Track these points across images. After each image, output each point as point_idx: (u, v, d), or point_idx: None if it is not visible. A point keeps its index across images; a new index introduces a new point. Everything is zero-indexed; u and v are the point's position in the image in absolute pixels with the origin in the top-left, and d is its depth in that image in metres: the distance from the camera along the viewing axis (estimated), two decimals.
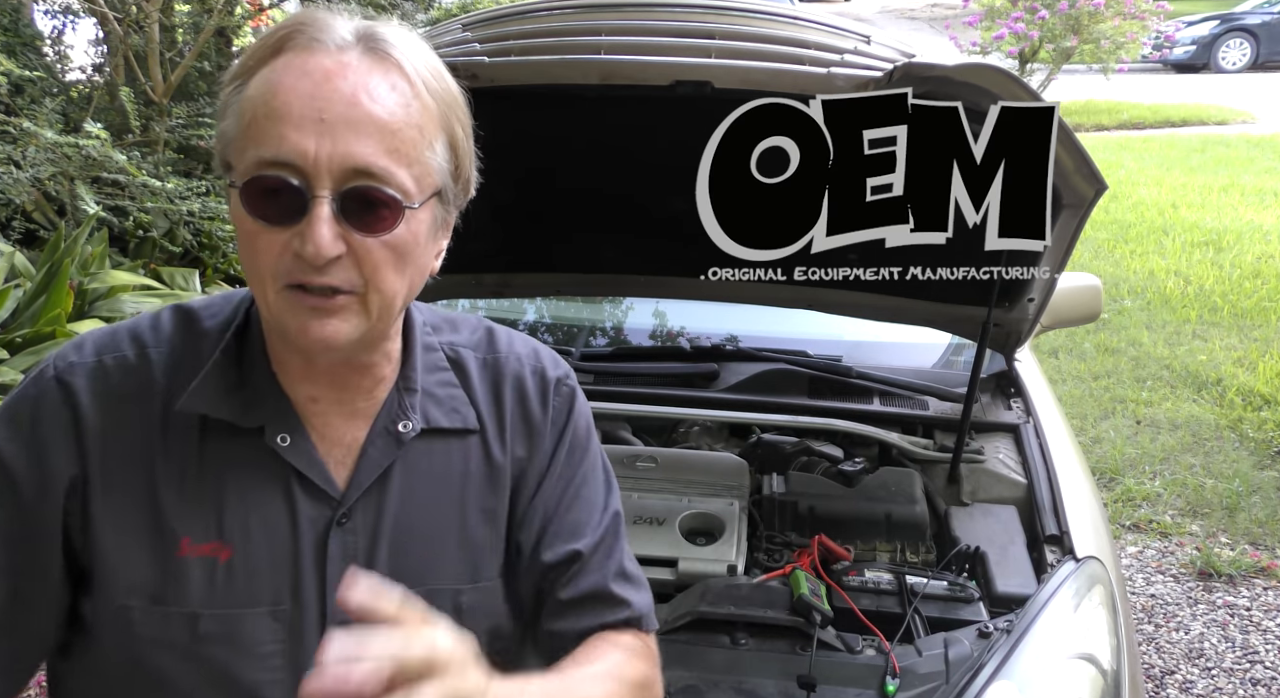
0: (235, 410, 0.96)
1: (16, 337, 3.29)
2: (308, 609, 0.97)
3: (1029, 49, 10.34)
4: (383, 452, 1.01)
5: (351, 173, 0.85)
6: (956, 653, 1.55)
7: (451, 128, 0.93)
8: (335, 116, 0.84)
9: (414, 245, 0.91)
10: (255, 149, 0.85)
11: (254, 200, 0.86)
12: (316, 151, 0.84)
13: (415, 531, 1.01)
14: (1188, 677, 3.03)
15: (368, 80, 0.86)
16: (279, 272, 0.87)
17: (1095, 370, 5.29)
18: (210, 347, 0.98)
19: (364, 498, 0.99)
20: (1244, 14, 16.17)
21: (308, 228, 0.85)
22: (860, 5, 21.16)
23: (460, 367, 1.08)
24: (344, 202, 0.86)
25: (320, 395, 0.99)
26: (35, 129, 3.68)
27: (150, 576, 0.94)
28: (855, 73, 1.50)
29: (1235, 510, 3.91)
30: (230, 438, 0.96)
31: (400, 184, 0.87)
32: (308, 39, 0.87)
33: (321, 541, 0.97)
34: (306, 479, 0.97)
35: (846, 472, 2.07)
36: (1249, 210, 8.15)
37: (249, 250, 0.88)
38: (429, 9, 5.45)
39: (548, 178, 2.04)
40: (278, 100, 0.85)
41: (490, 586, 1.06)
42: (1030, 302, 2.11)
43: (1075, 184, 1.75)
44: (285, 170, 0.85)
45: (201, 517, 0.95)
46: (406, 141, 0.87)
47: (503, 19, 1.71)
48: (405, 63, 0.89)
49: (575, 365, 2.34)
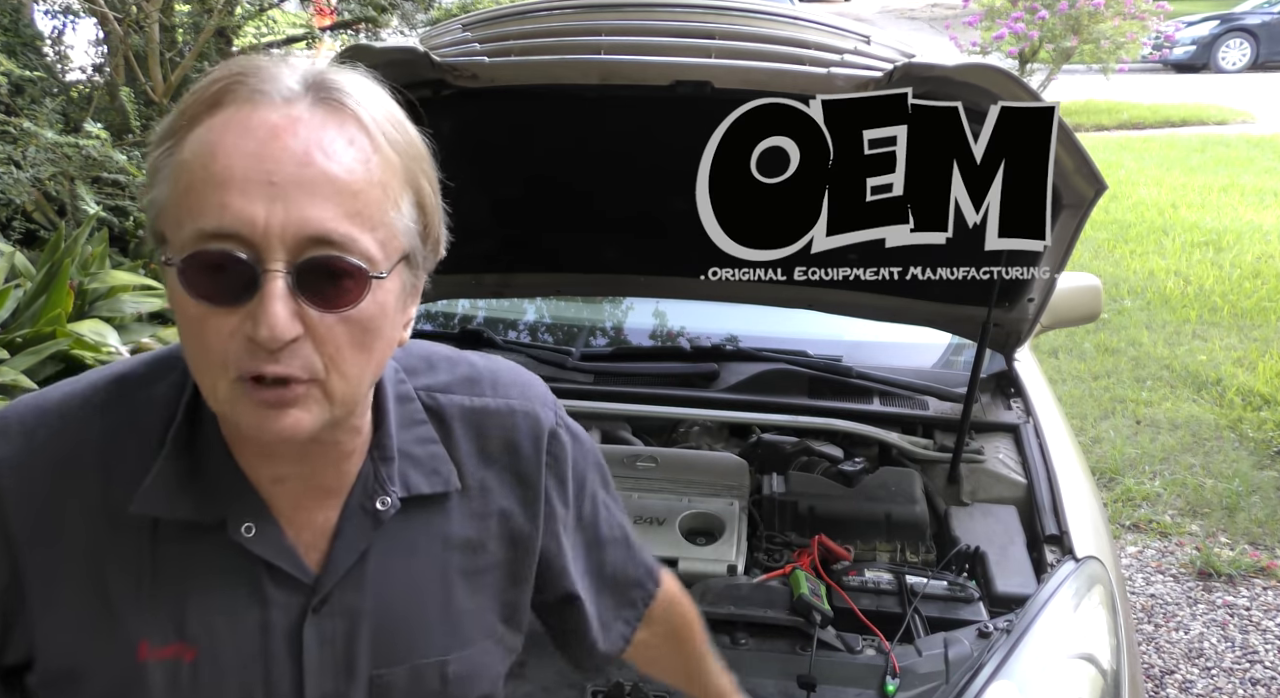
0: (192, 506, 0.85)
1: (16, 337, 3.29)
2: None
3: (1029, 49, 10.34)
4: (359, 532, 0.91)
5: (308, 242, 0.74)
6: (956, 653, 1.55)
7: (417, 183, 0.82)
8: (286, 178, 0.73)
9: (381, 319, 0.80)
10: (194, 221, 0.74)
11: (196, 279, 0.74)
12: (267, 220, 0.73)
13: (396, 607, 0.93)
14: (1187, 677, 3.03)
15: (321, 135, 0.75)
16: (229, 360, 0.76)
17: (1095, 370, 5.29)
18: (152, 421, 0.87)
19: (342, 581, 0.90)
20: (1244, 14, 16.16)
21: (259, 307, 0.73)
22: (860, 5, 21.16)
23: (440, 417, 0.97)
24: (300, 275, 0.74)
25: (285, 474, 0.88)
26: (35, 129, 3.68)
27: (107, 683, 0.86)
28: (855, 73, 1.50)
29: (1235, 510, 3.91)
30: (187, 533, 0.86)
31: (364, 251, 0.76)
32: (249, 91, 0.76)
33: (295, 630, 0.89)
34: (276, 568, 0.88)
35: (846, 472, 2.07)
36: (1249, 210, 8.15)
37: (192, 338, 0.77)
38: (429, 9, 5.45)
39: (548, 178, 2.04)
40: (217, 164, 0.73)
41: (478, 650, 0.99)
42: (1030, 302, 2.11)
43: (1075, 184, 1.75)
44: (231, 243, 0.73)
45: (159, 618, 0.86)
46: (369, 203, 0.76)
47: (503, 19, 1.71)
48: (362, 113, 0.78)
49: (575, 365, 2.35)
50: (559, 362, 2.34)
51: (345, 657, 0.91)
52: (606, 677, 1.57)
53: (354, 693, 0.92)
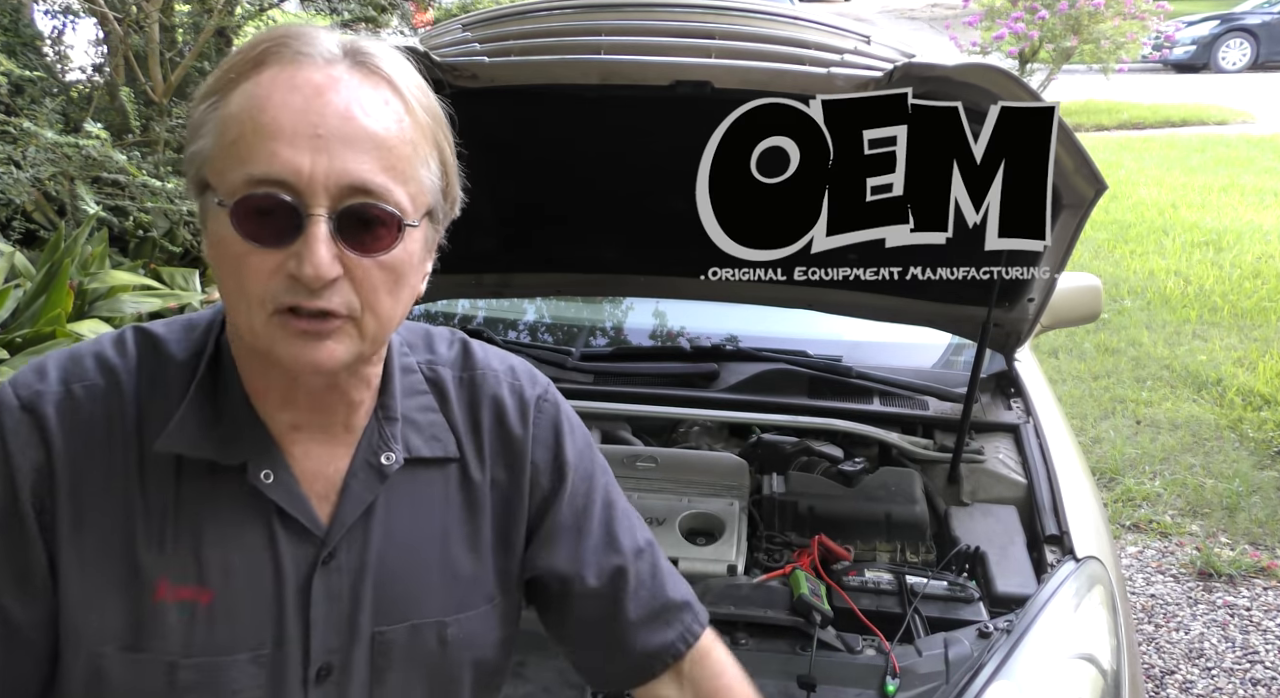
0: (214, 448, 0.90)
1: (16, 337, 3.29)
2: (290, 653, 0.93)
3: (1029, 49, 10.34)
4: (366, 486, 0.96)
5: (349, 190, 0.81)
6: (956, 653, 1.55)
7: (441, 145, 0.90)
8: (330, 132, 0.80)
9: (408, 266, 0.88)
10: (243, 167, 0.80)
11: (245, 220, 0.81)
12: (312, 168, 0.79)
13: (398, 565, 0.97)
14: (1188, 677, 3.03)
15: (360, 94, 0.82)
16: (268, 295, 0.82)
17: (1095, 370, 5.29)
18: (179, 375, 0.93)
19: (347, 535, 0.95)
20: (1244, 14, 16.17)
21: (304, 248, 0.80)
22: (860, 5, 21.16)
23: (439, 388, 1.03)
24: (341, 220, 0.82)
25: (301, 422, 0.94)
26: (35, 129, 3.68)
27: (124, 621, 0.89)
28: (855, 73, 1.50)
29: (1235, 510, 3.91)
30: (208, 475, 0.91)
31: (397, 201, 0.84)
32: (293, 53, 0.83)
33: (305, 582, 0.93)
34: (289, 517, 0.92)
35: (846, 472, 2.07)
36: (1249, 210, 8.15)
37: (234, 273, 0.83)
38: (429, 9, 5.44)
39: (547, 178, 2.04)
40: (267, 115, 0.80)
41: (476, 614, 1.02)
42: (1030, 302, 2.11)
43: (1075, 184, 1.75)
44: (279, 188, 0.80)
45: (179, 559, 0.89)
46: (402, 158, 0.84)
47: (503, 19, 1.71)
48: (395, 77, 0.85)
49: (575, 365, 2.35)
50: (559, 362, 2.34)
51: (349, 613, 0.95)
52: None
53: (356, 650, 0.95)
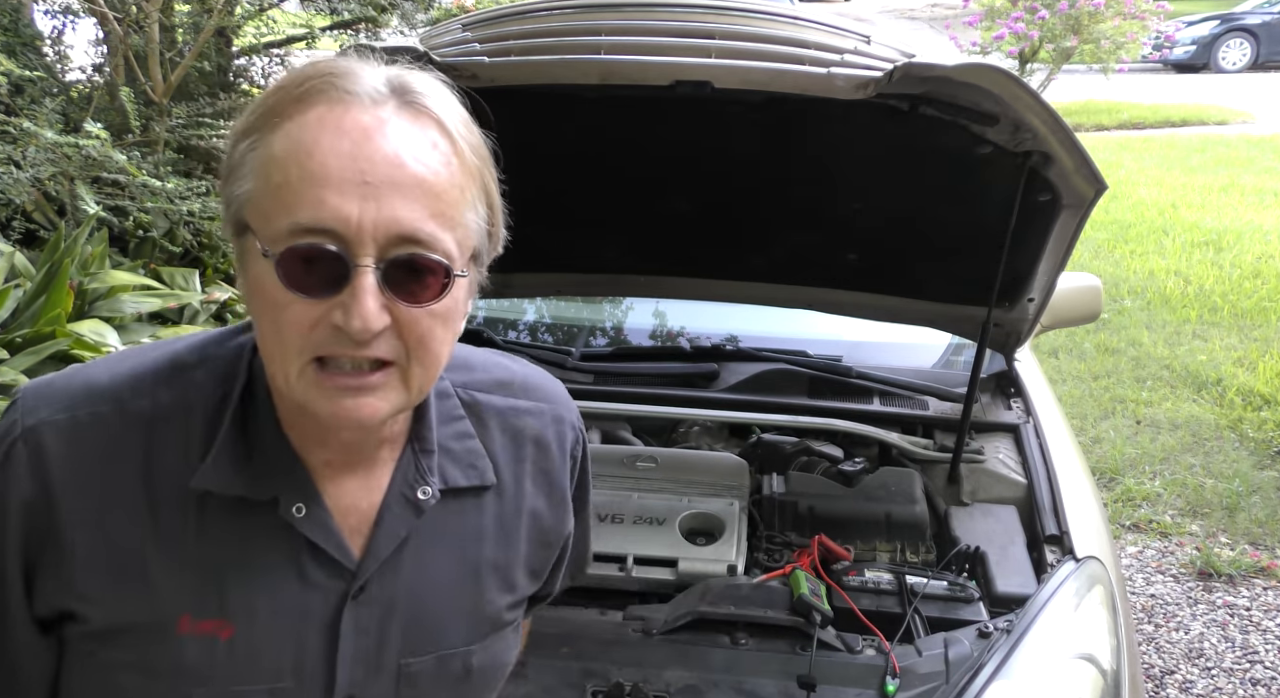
0: (246, 484, 0.88)
1: (16, 337, 3.29)
2: (309, 686, 0.91)
3: (1029, 49, 10.34)
4: (400, 520, 0.94)
5: (397, 239, 0.78)
6: (956, 653, 1.55)
7: (487, 184, 0.87)
8: (379, 178, 0.77)
9: (455, 312, 0.85)
10: (289, 215, 0.77)
11: (291, 270, 0.78)
12: (360, 217, 0.77)
13: (429, 599, 0.96)
14: (1188, 677, 3.03)
15: (409, 138, 0.80)
16: (308, 346, 0.80)
17: (1095, 370, 5.28)
18: (203, 410, 0.89)
19: (380, 569, 0.93)
20: (1244, 14, 16.16)
21: (351, 300, 0.78)
22: (860, 5, 21.15)
23: (477, 415, 1.01)
24: (389, 270, 0.79)
25: (333, 459, 0.92)
26: (35, 129, 3.67)
27: (144, 652, 0.88)
28: (855, 73, 1.50)
29: (1235, 510, 3.91)
30: (235, 510, 0.88)
31: (446, 250, 0.81)
32: (339, 92, 0.80)
33: (334, 615, 0.91)
34: (319, 551, 0.90)
35: (846, 472, 2.07)
36: (1249, 210, 8.15)
37: (273, 322, 0.80)
38: (429, 9, 5.44)
39: (547, 177, 2.04)
40: (314, 161, 0.77)
41: (499, 637, 1.02)
42: (1030, 302, 2.11)
43: (1075, 184, 1.75)
44: (325, 238, 0.77)
45: (201, 593, 0.88)
46: (451, 204, 0.81)
47: (503, 19, 1.71)
48: (444, 117, 0.83)
49: (575, 365, 2.35)
50: (559, 362, 2.34)
51: (377, 646, 0.93)
52: (607, 677, 1.57)
53: (381, 682, 0.94)
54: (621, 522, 1.90)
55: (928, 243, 2.10)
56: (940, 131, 1.70)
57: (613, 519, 1.91)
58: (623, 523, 1.90)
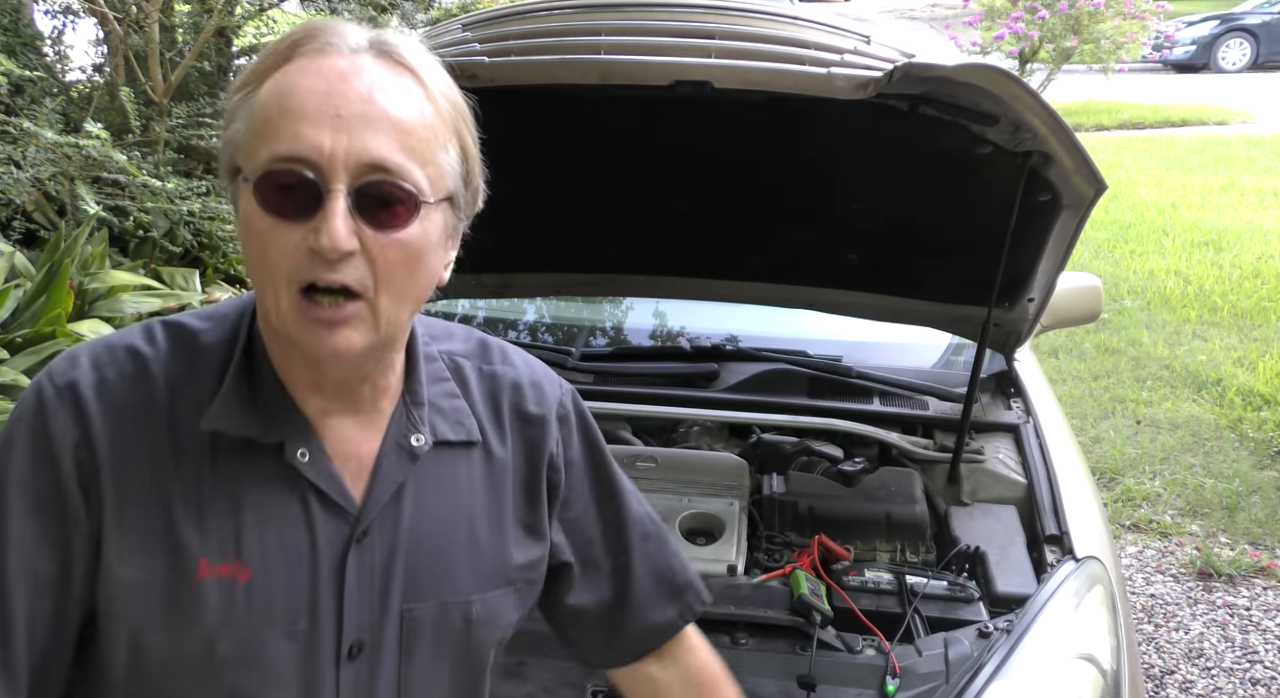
0: (255, 427, 0.94)
1: (16, 337, 3.29)
2: (323, 628, 0.95)
3: (1029, 49, 10.34)
4: (396, 466, 0.99)
5: (367, 168, 0.85)
6: (956, 653, 1.55)
7: (462, 134, 0.93)
8: (351, 113, 0.84)
9: (425, 247, 0.90)
10: (268, 146, 0.85)
11: (268, 195, 0.85)
12: (333, 146, 0.84)
13: (427, 544, 1.01)
14: (1188, 677, 3.03)
15: (382, 80, 0.87)
16: (292, 272, 0.86)
17: (1095, 370, 5.29)
18: (209, 362, 0.96)
19: (380, 514, 0.98)
20: (1244, 14, 16.16)
21: (323, 222, 0.84)
22: (860, 5, 21.15)
23: (460, 375, 1.08)
24: (359, 197, 0.85)
25: (330, 408, 0.97)
26: (35, 129, 3.67)
27: (166, 600, 0.91)
28: (855, 73, 1.50)
29: (1235, 510, 3.91)
30: (244, 455, 0.94)
31: (415, 181, 0.87)
32: (321, 44, 0.88)
33: (340, 559, 0.96)
34: (324, 495, 0.95)
35: (846, 472, 2.07)
36: (1249, 210, 8.15)
37: (259, 250, 0.87)
38: (429, 9, 5.44)
39: (547, 177, 2.04)
40: (292, 100, 0.85)
41: (498, 594, 1.05)
42: (1030, 302, 2.11)
43: (1075, 184, 1.75)
44: (300, 165, 0.84)
45: (219, 537, 0.92)
46: (421, 141, 0.88)
47: (503, 19, 1.71)
48: (418, 68, 0.90)
49: (575, 365, 2.35)
50: (559, 362, 2.34)
51: (381, 591, 0.98)
52: (606, 677, 1.57)
53: (387, 627, 0.98)
54: None
55: (928, 243, 2.10)
56: (940, 131, 1.70)
57: None
58: None
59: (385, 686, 0.99)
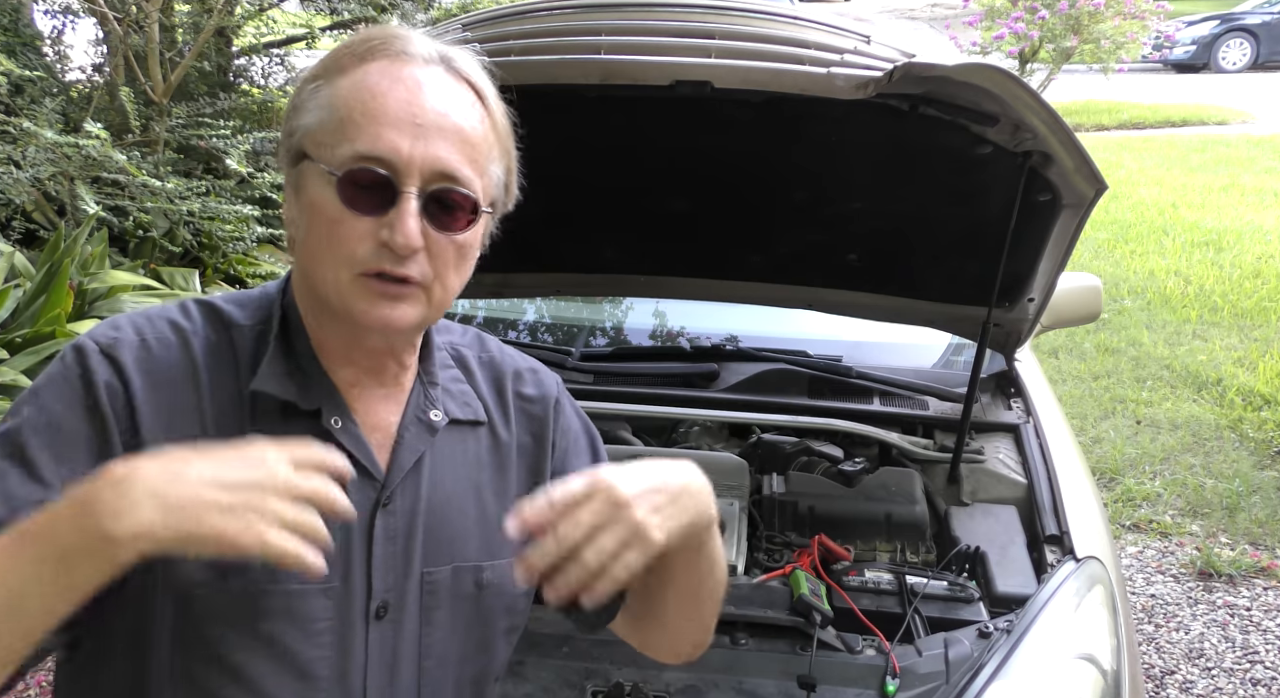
0: (296, 393, 1.01)
1: (16, 337, 3.29)
2: (355, 587, 1.01)
3: (1029, 49, 10.34)
4: (418, 438, 1.07)
5: (438, 175, 0.94)
6: (956, 653, 1.55)
7: (509, 149, 1.04)
8: (428, 122, 0.93)
9: (474, 247, 1.01)
10: (352, 144, 0.93)
11: (348, 190, 0.93)
12: (410, 151, 0.92)
13: (442, 513, 1.08)
14: (1188, 677, 3.03)
15: (454, 95, 0.96)
16: (356, 258, 0.94)
17: (1095, 370, 5.29)
18: (245, 338, 1.03)
19: (402, 482, 1.05)
20: (1244, 14, 16.16)
21: (397, 219, 0.92)
22: (860, 5, 21.15)
23: (464, 364, 1.16)
24: (428, 200, 0.94)
25: (358, 380, 1.05)
26: (35, 129, 3.67)
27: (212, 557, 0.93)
28: (855, 73, 1.50)
29: (1235, 510, 3.91)
30: (281, 421, 1.00)
31: (475, 190, 0.97)
32: (398, 50, 0.96)
33: (369, 522, 1.02)
34: (354, 461, 1.01)
35: (846, 472, 2.07)
36: (1249, 210, 8.16)
37: (328, 235, 0.94)
38: (429, 9, 5.44)
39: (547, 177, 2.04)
40: (376, 102, 0.93)
41: (506, 563, 1.10)
42: (1030, 302, 2.11)
43: (1075, 184, 1.75)
44: (380, 165, 0.92)
45: None
46: (482, 154, 0.98)
47: (503, 19, 1.71)
48: (482, 87, 1.00)
49: (575, 365, 2.35)
50: (559, 362, 2.34)
51: (404, 554, 1.05)
52: (607, 677, 1.57)
53: (409, 589, 1.06)
54: None
55: (928, 243, 2.10)
56: (940, 131, 1.70)
57: None
58: None
59: (407, 647, 1.05)
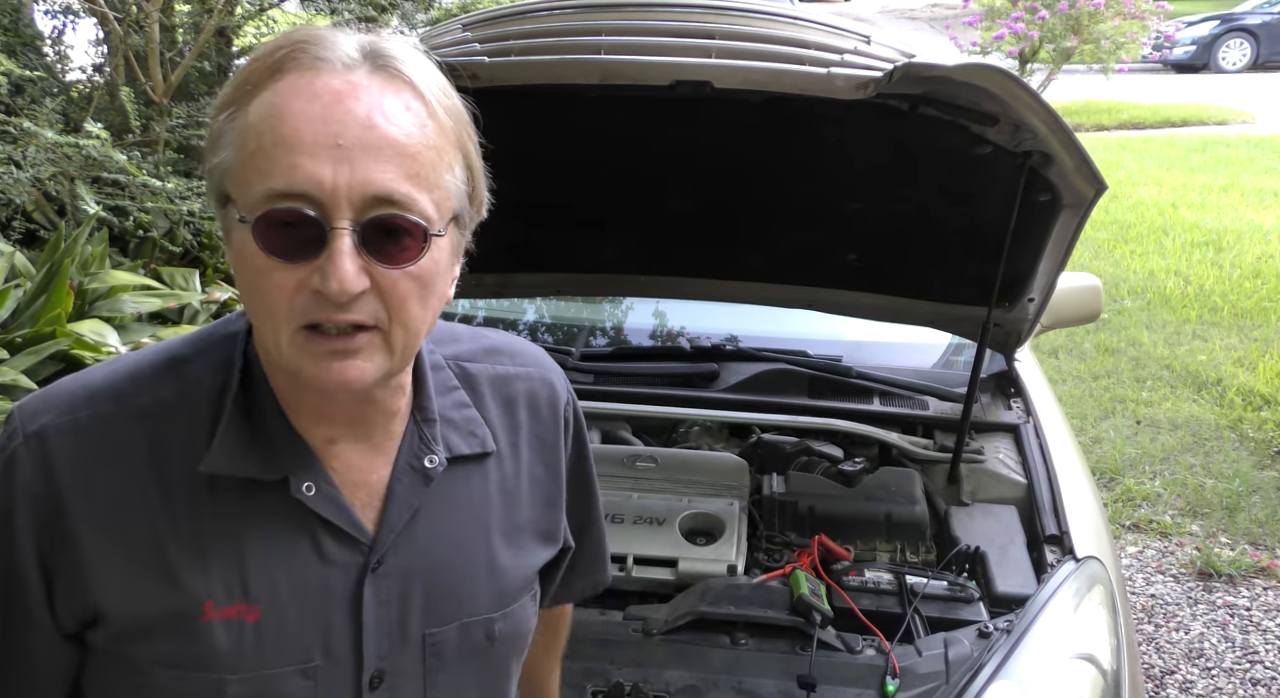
0: (256, 465, 0.89)
1: (16, 337, 3.29)
2: (339, 662, 0.92)
3: (1029, 49, 10.34)
4: (410, 490, 0.95)
5: (372, 201, 0.79)
6: (956, 653, 1.55)
7: (465, 147, 0.87)
8: (351, 141, 0.78)
9: (436, 275, 0.85)
10: (264, 181, 0.78)
11: (267, 235, 0.79)
12: (334, 180, 0.77)
13: (445, 566, 0.97)
14: (1188, 677, 3.03)
15: (381, 100, 0.80)
16: (294, 312, 0.80)
17: (1095, 370, 5.28)
18: (203, 394, 0.90)
19: (396, 540, 0.94)
20: (1244, 14, 16.16)
21: (328, 263, 0.78)
22: (860, 5, 21.15)
23: (470, 383, 1.03)
24: (365, 232, 0.79)
25: (337, 435, 0.93)
26: (35, 129, 3.67)
27: (172, 644, 0.87)
28: (855, 73, 1.50)
29: (1235, 510, 3.91)
30: (245, 493, 0.89)
31: (423, 211, 0.81)
32: (310, 58, 0.80)
33: (355, 590, 0.92)
34: (334, 528, 0.91)
35: (846, 472, 2.07)
36: (1249, 210, 8.15)
37: (257, 290, 0.81)
38: (429, 9, 5.44)
39: (548, 178, 2.04)
40: (286, 126, 0.78)
41: (519, 607, 1.04)
42: (1030, 302, 2.11)
43: (1075, 184, 1.75)
44: (300, 202, 0.78)
45: (223, 578, 0.88)
46: (426, 165, 0.82)
47: (503, 19, 1.71)
48: (417, 80, 0.83)
49: (575, 365, 2.35)
50: (559, 362, 2.33)
51: (400, 618, 0.94)
52: (607, 677, 1.57)
53: (408, 654, 0.95)
54: (621, 522, 1.90)
55: (928, 243, 2.10)
56: (940, 132, 1.70)
57: (613, 519, 1.90)
58: (623, 523, 1.90)
59: None
